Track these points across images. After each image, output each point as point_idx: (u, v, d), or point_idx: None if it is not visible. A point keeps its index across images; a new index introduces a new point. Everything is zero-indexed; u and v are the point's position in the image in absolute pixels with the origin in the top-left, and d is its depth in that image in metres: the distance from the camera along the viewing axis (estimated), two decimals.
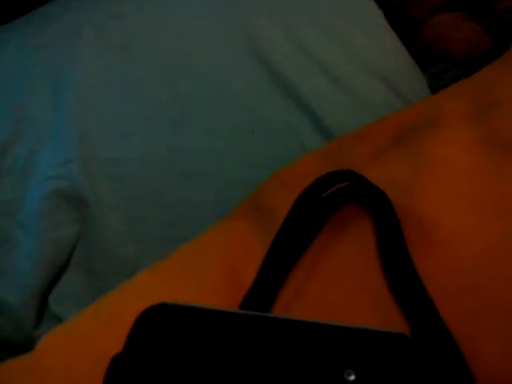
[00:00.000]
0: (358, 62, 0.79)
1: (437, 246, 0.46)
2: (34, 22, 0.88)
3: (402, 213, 0.48)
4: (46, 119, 0.75)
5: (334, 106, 0.75)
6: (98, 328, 0.49)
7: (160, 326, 0.39)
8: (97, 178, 0.70)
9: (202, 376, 0.36)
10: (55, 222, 0.69)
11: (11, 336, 0.67)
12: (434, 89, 0.86)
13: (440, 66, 0.96)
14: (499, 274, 0.43)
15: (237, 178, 0.70)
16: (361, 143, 0.62)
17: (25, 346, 0.51)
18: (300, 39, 0.79)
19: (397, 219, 0.47)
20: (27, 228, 0.70)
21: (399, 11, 1.06)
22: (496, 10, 1.02)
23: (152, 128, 0.73)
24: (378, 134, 0.62)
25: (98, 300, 0.54)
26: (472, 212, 0.47)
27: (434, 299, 0.43)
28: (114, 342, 0.39)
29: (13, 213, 0.71)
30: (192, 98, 0.75)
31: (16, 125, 0.76)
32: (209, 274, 0.51)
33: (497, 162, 0.50)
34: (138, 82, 0.76)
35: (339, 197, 0.51)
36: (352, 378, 0.36)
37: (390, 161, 0.55)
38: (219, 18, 0.83)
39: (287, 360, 0.37)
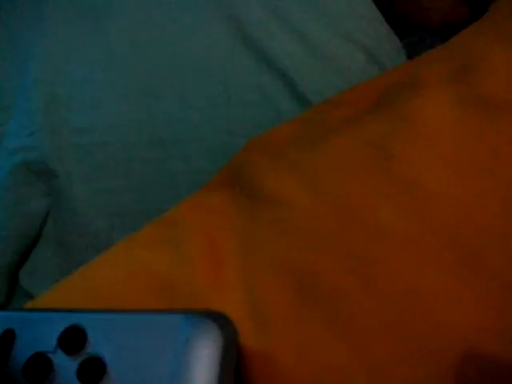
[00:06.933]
0: (333, 27, 0.77)
1: (417, 205, 0.45)
2: None
3: (384, 174, 0.47)
4: (10, 88, 0.72)
5: (309, 71, 0.73)
6: (71, 302, 0.48)
7: None
8: (65, 148, 0.67)
9: None
10: (23, 196, 0.66)
11: None
12: (411, 58, 0.85)
13: (417, 36, 0.95)
14: (478, 228, 0.43)
15: (212, 145, 0.68)
16: (338, 108, 0.61)
17: None
18: (274, 4, 0.77)
19: None
20: None
21: None
22: None
23: (122, 96, 0.70)
24: (355, 99, 0.61)
25: (70, 274, 0.52)
26: (451, 172, 0.47)
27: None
28: None
29: None
30: (164, 65, 0.72)
31: None
32: (187, 246, 0.49)
33: (476, 122, 0.49)
34: (109, 49, 0.73)
35: None
36: None
37: (368, 123, 0.53)
38: None
39: None
